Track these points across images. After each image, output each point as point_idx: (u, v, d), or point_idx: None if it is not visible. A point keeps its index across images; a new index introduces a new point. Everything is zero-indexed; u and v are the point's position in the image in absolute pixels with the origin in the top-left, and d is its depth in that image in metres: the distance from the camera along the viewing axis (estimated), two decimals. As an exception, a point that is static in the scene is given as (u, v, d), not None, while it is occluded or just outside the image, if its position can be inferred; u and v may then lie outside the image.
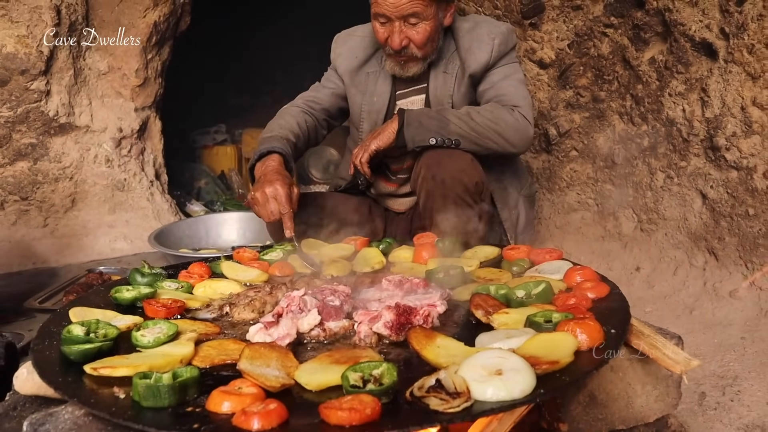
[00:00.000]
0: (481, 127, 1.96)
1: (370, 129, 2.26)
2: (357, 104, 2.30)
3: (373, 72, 2.26)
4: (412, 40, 2.00)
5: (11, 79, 3.28)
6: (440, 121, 1.97)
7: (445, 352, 1.03)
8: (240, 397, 0.83)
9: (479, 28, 2.13)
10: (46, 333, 1.15)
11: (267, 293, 1.32)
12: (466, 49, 2.11)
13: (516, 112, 1.99)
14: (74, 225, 3.62)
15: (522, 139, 2.02)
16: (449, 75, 2.15)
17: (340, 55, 2.32)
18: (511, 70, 2.12)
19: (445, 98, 2.15)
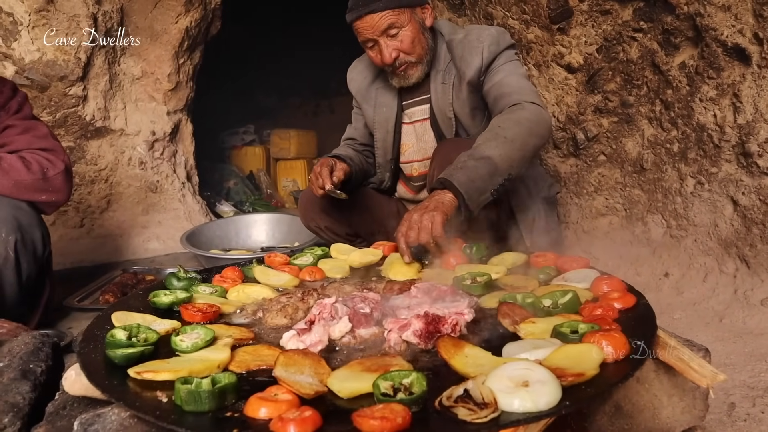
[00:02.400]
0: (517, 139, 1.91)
1: (383, 138, 2.44)
2: (370, 117, 2.46)
3: (381, 87, 2.42)
4: (400, 49, 2.12)
5: (51, 85, 3.39)
6: (487, 164, 1.81)
7: (472, 361, 1.06)
8: (276, 403, 0.87)
9: (469, 35, 2.20)
10: (90, 336, 1.21)
11: (299, 299, 1.36)
12: (459, 58, 2.19)
13: (528, 105, 2.00)
14: (109, 225, 3.73)
15: (546, 127, 2.02)
16: (447, 85, 2.24)
17: (352, 80, 2.52)
18: (511, 67, 2.14)
19: (446, 107, 2.24)
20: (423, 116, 2.32)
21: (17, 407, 1.07)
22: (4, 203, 2.00)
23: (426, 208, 1.71)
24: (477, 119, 2.22)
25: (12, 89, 2.20)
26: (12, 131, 2.14)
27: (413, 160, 2.39)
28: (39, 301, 2.30)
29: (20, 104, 2.20)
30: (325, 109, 6.93)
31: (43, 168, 2.09)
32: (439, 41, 2.25)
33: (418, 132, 2.35)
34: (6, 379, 1.17)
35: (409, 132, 2.38)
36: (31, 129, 2.18)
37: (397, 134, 2.39)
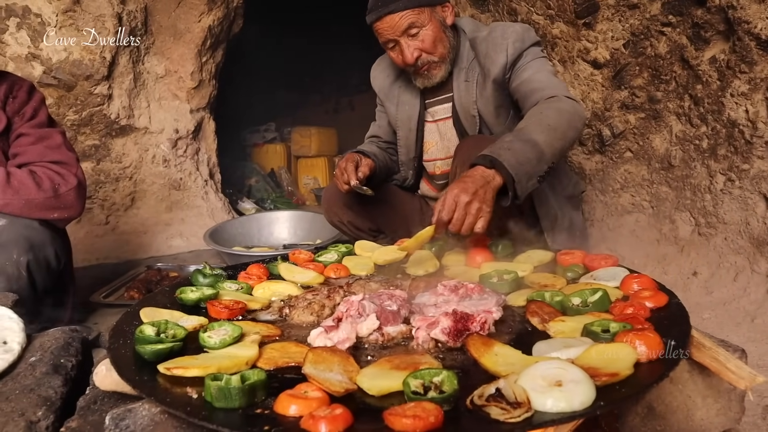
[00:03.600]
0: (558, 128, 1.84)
1: (406, 136, 2.42)
2: (392, 115, 2.45)
3: (404, 85, 2.40)
4: (421, 48, 2.10)
5: (77, 84, 3.44)
6: (534, 148, 1.73)
7: (503, 360, 1.04)
8: (306, 401, 0.86)
9: (494, 32, 2.17)
10: (119, 332, 1.21)
11: (325, 296, 1.36)
12: (483, 56, 2.16)
13: (564, 98, 1.96)
14: (134, 222, 3.77)
15: (583, 120, 1.99)
16: (470, 83, 2.21)
17: (375, 78, 2.52)
18: (539, 64, 2.11)
19: (469, 105, 2.21)
20: (445, 115, 2.31)
21: (50, 401, 1.08)
22: (15, 224, 1.97)
23: (477, 195, 1.60)
24: (501, 117, 2.20)
25: (28, 92, 2.15)
26: (25, 140, 2.10)
27: (436, 158, 2.38)
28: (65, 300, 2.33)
29: (35, 109, 2.15)
30: (346, 106, 6.93)
31: (54, 184, 2.04)
32: (461, 39, 2.23)
33: (441, 130, 2.34)
34: (38, 373, 1.19)
35: (432, 130, 2.37)
36: (44, 138, 2.13)
37: (419, 132, 2.37)
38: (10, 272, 1.94)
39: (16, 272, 1.95)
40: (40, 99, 2.19)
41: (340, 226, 2.50)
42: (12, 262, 1.94)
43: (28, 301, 2.05)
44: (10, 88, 2.10)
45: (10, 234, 1.95)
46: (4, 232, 1.94)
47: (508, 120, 2.20)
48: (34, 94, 2.17)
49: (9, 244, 1.94)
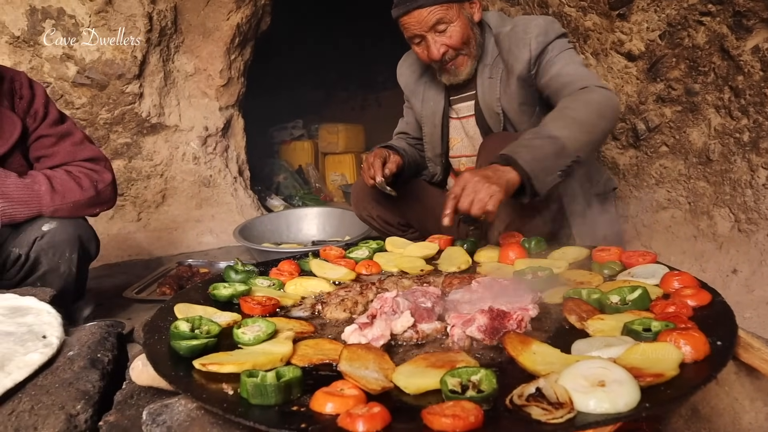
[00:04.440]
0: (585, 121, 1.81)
1: (431, 132, 2.40)
2: (418, 111, 2.43)
3: (429, 81, 2.37)
4: (448, 44, 2.06)
5: (109, 84, 3.49)
6: (554, 144, 1.73)
7: (541, 359, 1.02)
8: (343, 398, 0.85)
9: (516, 27, 2.11)
10: (154, 327, 1.22)
11: (358, 293, 1.35)
12: (507, 51, 2.11)
13: (595, 88, 1.90)
14: (164, 219, 3.82)
15: (615, 109, 1.93)
16: (494, 79, 2.16)
17: (401, 74, 2.49)
18: (567, 56, 2.05)
19: (493, 103, 2.17)
20: (469, 112, 2.27)
21: (88, 395, 1.09)
22: (68, 224, 2.04)
23: (488, 178, 1.60)
24: (525, 115, 2.15)
25: (30, 87, 2.11)
26: (47, 141, 2.11)
27: (461, 155, 2.35)
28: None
29: (45, 106, 2.12)
30: (373, 102, 6.92)
31: (93, 182, 2.09)
32: (486, 35, 2.18)
33: (466, 128, 2.31)
34: (76, 367, 1.20)
35: (457, 127, 2.34)
36: (66, 136, 2.14)
37: (444, 129, 2.34)
38: (63, 270, 2.01)
39: (68, 270, 2.02)
40: (44, 92, 2.15)
41: (369, 220, 2.49)
42: (65, 260, 2.01)
43: (71, 296, 2.11)
44: (11, 86, 2.06)
45: (63, 234, 2.01)
46: (56, 233, 2.00)
47: (534, 117, 2.16)
48: (36, 88, 2.13)
49: (62, 244, 2.00)
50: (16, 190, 1.95)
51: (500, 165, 1.67)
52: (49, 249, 2.01)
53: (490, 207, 1.56)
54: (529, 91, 2.11)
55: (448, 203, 1.61)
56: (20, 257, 2.02)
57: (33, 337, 1.33)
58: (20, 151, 2.09)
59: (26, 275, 2.04)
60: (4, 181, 1.95)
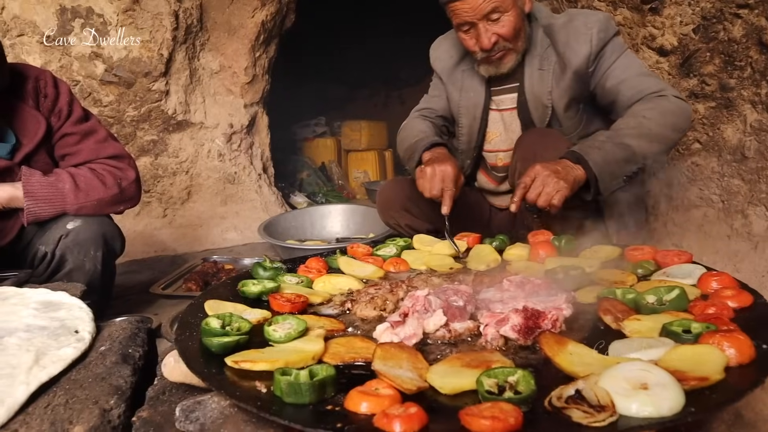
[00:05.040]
0: (659, 132, 1.84)
1: (469, 124, 2.32)
2: (455, 101, 2.34)
3: (468, 69, 2.30)
4: (500, 35, 2.01)
5: (136, 81, 3.52)
6: (625, 151, 1.80)
7: (579, 360, 0.99)
8: (378, 398, 0.84)
9: (574, 20, 2.06)
10: (185, 324, 1.22)
11: (388, 291, 1.34)
12: (564, 44, 2.06)
13: (668, 97, 1.90)
14: (190, 216, 3.85)
15: (688, 122, 1.93)
16: (546, 72, 2.11)
17: (437, 58, 2.40)
18: (629, 58, 2.03)
19: (543, 95, 2.12)
20: (512, 105, 2.22)
21: (120, 390, 1.10)
22: (93, 222, 2.06)
23: (558, 173, 1.70)
24: (571, 111, 2.11)
25: (54, 86, 2.10)
26: (71, 140, 2.13)
27: (499, 149, 2.30)
28: None
29: (69, 104, 2.13)
30: (395, 99, 6.90)
31: (117, 179, 2.11)
32: (534, 25, 2.14)
33: (506, 121, 2.25)
34: (108, 362, 1.21)
35: (497, 120, 2.28)
36: (90, 134, 2.16)
37: (483, 121, 2.28)
38: (88, 268, 2.03)
39: (93, 267, 2.04)
40: (68, 90, 2.16)
41: (396, 227, 2.44)
42: (90, 258, 2.03)
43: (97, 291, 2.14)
44: (36, 85, 2.06)
45: (87, 232, 2.03)
46: (81, 231, 2.02)
47: (579, 113, 2.12)
48: (60, 86, 2.14)
49: (87, 242, 2.02)
50: (40, 189, 1.98)
51: (570, 161, 1.75)
52: (74, 247, 2.03)
53: (555, 201, 1.67)
54: (582, 87, 2.08)
55: (518, 191, 1.72)
56: (46, 255, 2.04)
57: (66, 332, 1.34)
58: (45, 149, 2.11)
59: (53, 273, 2.06)
60: (29, 179, 1.97)
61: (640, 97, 1.93)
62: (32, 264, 2.09)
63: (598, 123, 2.17)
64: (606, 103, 2.07)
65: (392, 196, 2.35)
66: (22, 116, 2.03)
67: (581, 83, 2.06)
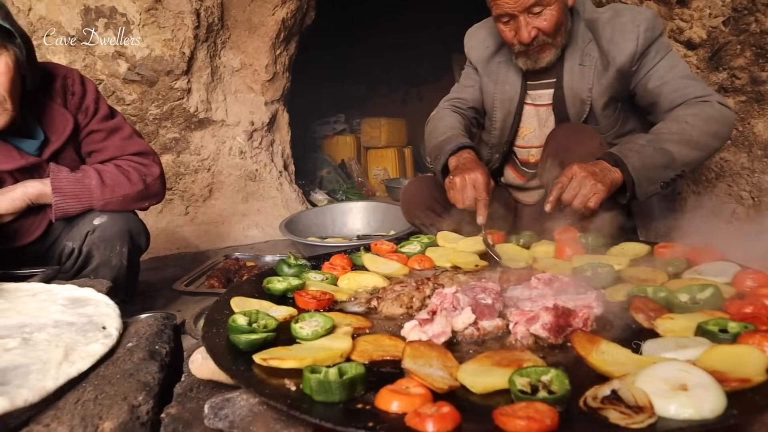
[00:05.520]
0: (701, 140, 1.81)
1: (503, 118, 2.26)
2: (490, 93, 2.28)
3: (504, 61, 2.24)
4: (540, 29, 1.95)
5: (158, 80, 3.55)
6: (664, 157, 1.77)
7: (612, 359, 0.97)
8: (409, 397, 0.83)
9: (621, 16, 2.00)
10: (212, 321, 1.22)
11: (414, 288, 1.32)
12: (608, 40, 2.00)
13: (712, 103, 1.86)
14: (211, 213, 3.87)
15: (731, 130, 1.90)
16: (587, 67, 2.05)
17: (472, 47, 2.33)
18: (673, 59, 1.98)
19: (582, 91, 2.06)
20: (548, 101, 2.17)
21: (148, 386, 1.10)
22: (118, 218, 2.09)
23: (595, 175, 1.68)
24: (609, 109, 2.06)
25: (81, 84, 2.14)
26: (98, 137, 2.15)
27: (532, 145, 2.25)
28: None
29: (96, 102, 2.16)
30: (414, 96, 6.87)
31: (142, 176, 2.14)
32: (575, 19, 2.08)
33: (541, 117, 2.20)
34: (136, 358, 1.21)
35: (531, 115, 2.23)
36: (115, 131, 2.18)
37: (517, 116, 2.23)
38: (114, 263, 2.05)
39: (119, 263, 2.07)
40: (94, 89, 2.19)
41: (420, 226, 2.40)
42: (116, 254, 2.05)
43: (122, 288, 2.16)
44: (64, 83, 2.10)
45: (114, 228, 2.06)
46: (107, 227, 2.04)
47: (617, 112, 2.08)
48: (87, 84, 2.17)
49: (113, 238, 2.05)
50: (68, 185, 2.01)
51: (608, 164, 1.73)
52: (101, 243, 2.06)
53: (591, 204, 1.65)
54: (623, 85, 2.03)
55: (554, 191, 1.70)
56: (73, 251, 2.07)
57: (93, 328, 1.35)
58: (73, 146, 2.15)
59: (80, 269, 2.09)
60: (57, 175, 2.00)
61: (683, 101, 1.88)
62: (59, 260, 2.12)
63: (633, 122, 2.12)
64: (646, 104, 2.02)
65: (417, 195, 2.32)
66: (51, 114, 2.06)
67: (622, 81, 2.02)
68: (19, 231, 2.07)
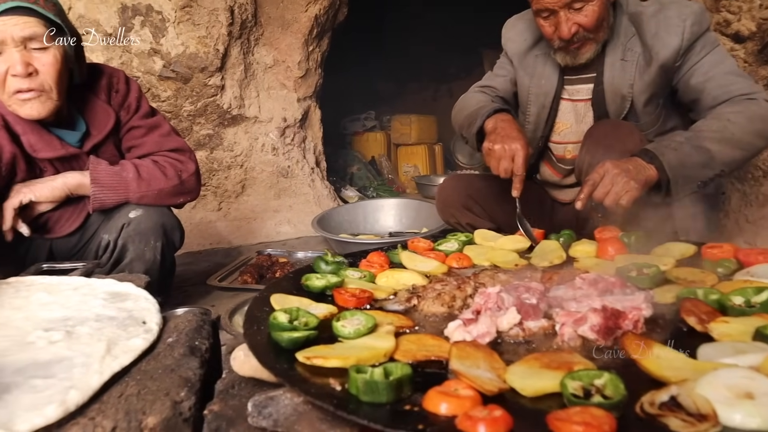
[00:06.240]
0: (744, 139, 1.76)
1: (537, 112, 2.21)
2: (525, 87, 2.25)
3: (541, 54, 2.19)
4: (581, 24, 1.91)
5: (193, 77, 3.58)
6: (703, 155, 1.73)
7: (667, 363, 0.93)
8: (459, 399, 0.81)
9: (667, 10, 1.94)
10: (252, 318, 1.21)
11: (455, 287, 1.30)
12: (652, 35, 1.94)
13: (759, 101, 1.79)
14: (244, 209, 3.90)
15: None
16: (629, 63, 1.99)
17: (509, 39, 2.30)
18: (720, 54, 1.91)
19: (624, 88, 2.01)
20: (587, 96, 2.13)
21: (190, 382, 1.10)
22: (153, 212, 2.12)
23: (628, 172, 1.64)
24: (651, 106, 2.01)
25: (126, 83, 2.22)
26: (137, 132, 2.21)
27: (568, 141, 2.21)
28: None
29: (138, 100, 2.23)
30: (445, 93, 6.82)
31: (177, 171, 2.18)
32: (618, 12, 2.03)
33: (579, 112, 2.16)
34: (176, 354, 1.21)
35: (568, 110, 2.19)
36: (155, 128, 2.24)
37: (553, 111, 2.20)
38: (148, 257, 2.08)
39: (152, 257, 2.09)
40: (138, 88, 2.27)
41: (456, 225, 2.38)
42: (150, 248, 2.08)
43: (156, 282, 2.18)
44: (109, 81, 2.17)
45: (148, 222, 2.09)
46: (142, 220, 2.08)
47: (657, 109, 2.02)
48: (131, 83, 2.25)
49: (148, 232, 2.08)
50: (106, 176, 2.06)
51: (643, 160, 1.69)
52: (136, 236, 2.09)
53: (623, 201, 1.62)
54: (666, 81, 1.97)
55: (585, 188, 1.68)
56: (109, 244, 2.11)
57: (133, 323, 1.36)
58: (113, 141, 2.20)
59: (116, 263, 2.13)
60: (96, 167, 2.06)
61: (727, 98, 1.82)
62: (96, 255, 2.16)
63: (675, 120, 2.06)
64: (688, 100, 1.96)
65: (453, 193, 2.30)
66: (94, 109, 2.13)
67: (665, 77, 1.96)
68: (59, 222, 2.13)
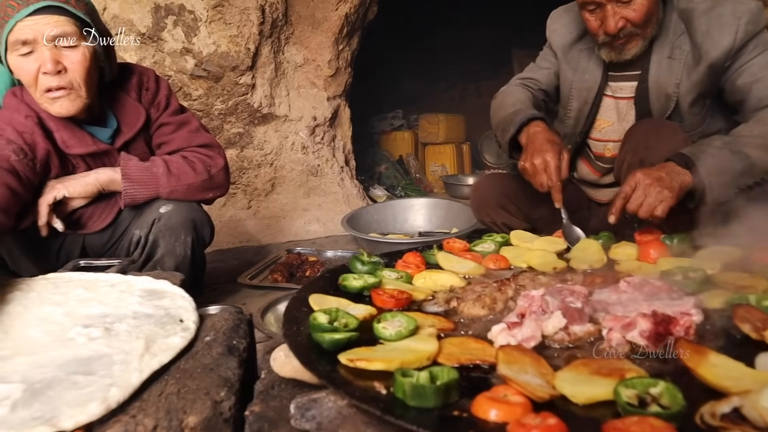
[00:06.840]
0: None
1: (579, 107, 2.16)
2: (567, 81, 2.20)
3: (586, 49, 2.14)
4: (629, 19, 1.85)
5: (224, 76, 3.60)
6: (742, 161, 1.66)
7: (725, 373, 0.89)
8: (509, 406, 0.78)
9: (720, 7, 1.87)
10: (291, 318, 1.21)
11: (495, 289, 1.27)
12: (703, 33, 1.87)
13: None
14: (273, 207, 3.91)
15: None
16: (676, 61, 1.93)
17: (554, 31, 2.25)
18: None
19: (669, 87, 1.95)
20: (630, 93, 2.07)
21: (229, 382, 1.09)
22: (183, 208, 2.14)
23: (661, 180, 1.58)
24: (696, 107, 1.94)
25: (156, 81, 2.25)
26: (167, 129, 2.24)
27: (609, 139, 2.16)
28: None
29: (167, 98, 2.26)
30: (473, 92, 6.76)
31: (206, 167, 2.20)
32: (668, 8, 1.97)
33: (621, 110, 2.11)
34: (215, 353, 1.21)
35: (610, 107, 2.13)
36: (184, 124, 2.27)
37: (594, 107, 2.14)
38: (178, 252, 2.10)
39: (183, 252, 2.11)
40: (167, 86, 2.30)
41: (491, 226, 2.34)
42: (180, 243, 2.10)
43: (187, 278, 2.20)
44: (139, 80, 2.21)
45: (178, 217, 2.11)
46: (172, 215, 2.10)
47: (703, 110, 1.96)
48: (161, 82, 2.28)
49: (178, 227, 2.09)
50: (137, 172, 2.09)
51: (677, 166, 1.62)
52: (166, 231, 2.11)
53: (658, 212, 1.57)
54: (714, 81, 1.91)
55: (617, 202, 1.62)
56: (141, 239, 2.14)
57: (171, 321, 1.36)
58: (144, 138, 2.24)
59: (147, 258, 2.15)
60: (127, 163, 2.09)
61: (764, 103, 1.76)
62: (128, 250, 2.19)
63: (721, 122, 2.00)
64: (733, 101, 1.90)
65: (488, 193, 2.26)
66: (125, 106, 2.17)
67: (713, 78, 1.90)
68: (92, 218, 2.17)
